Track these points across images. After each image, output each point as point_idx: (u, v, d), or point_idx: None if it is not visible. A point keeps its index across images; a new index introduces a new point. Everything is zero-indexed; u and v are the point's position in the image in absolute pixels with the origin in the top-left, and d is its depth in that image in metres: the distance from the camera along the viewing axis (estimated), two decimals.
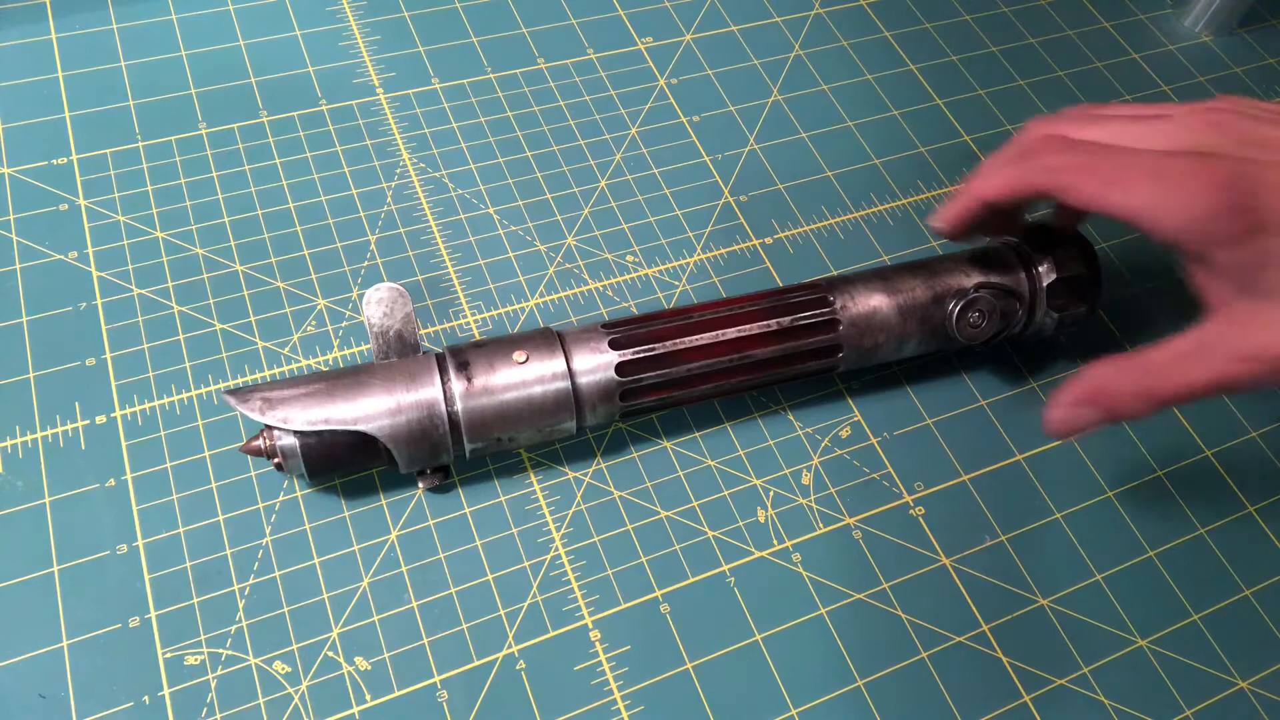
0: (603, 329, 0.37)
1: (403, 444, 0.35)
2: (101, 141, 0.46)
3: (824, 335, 0.38)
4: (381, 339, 0.36)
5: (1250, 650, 0.38)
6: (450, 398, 0.35)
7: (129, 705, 0.34)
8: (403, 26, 0.53)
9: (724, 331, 0.37)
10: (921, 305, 0.39)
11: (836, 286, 0.39)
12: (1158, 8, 0.60)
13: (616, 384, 0.37)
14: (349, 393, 0.34)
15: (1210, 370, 0.32)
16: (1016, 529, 0.40)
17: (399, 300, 0.36)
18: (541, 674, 0.35)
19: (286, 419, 0.34)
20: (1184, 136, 0.32)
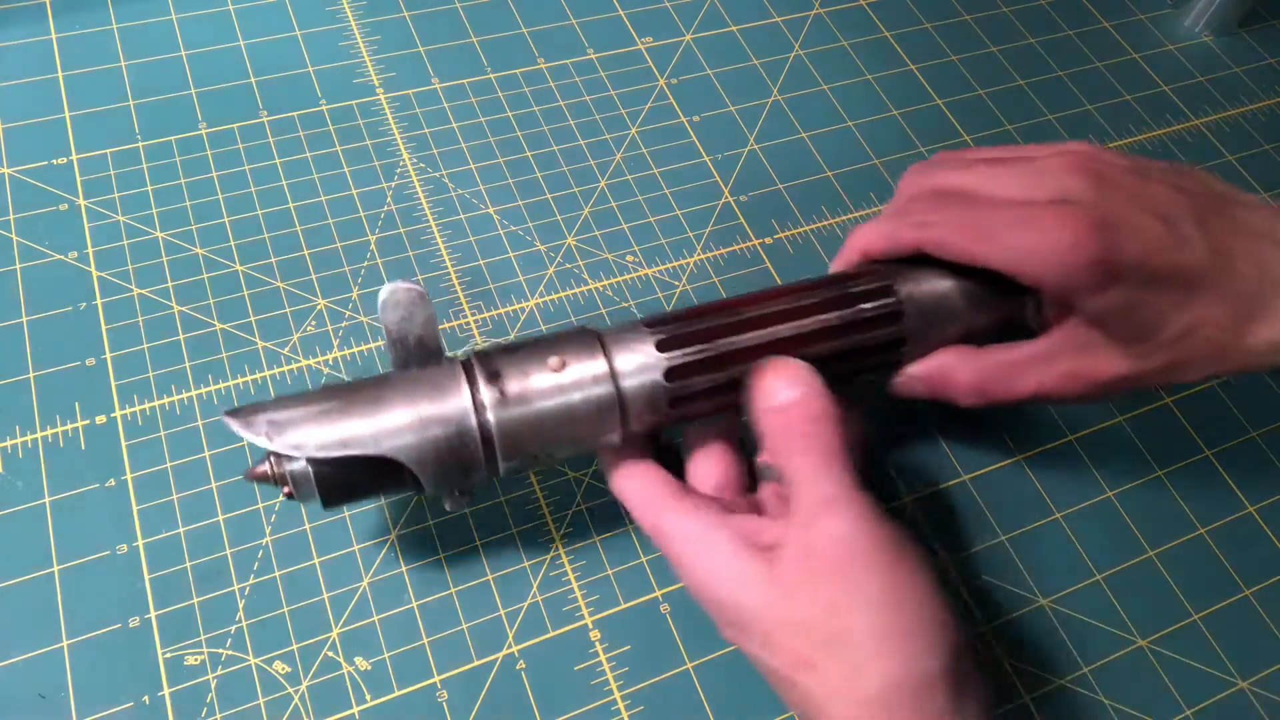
0: (645, 328, 0.33)
1: (430, 467, 0.31)
2: (101, 141, 0.46)
3: (887, 329, 0.34)
4: (400, 346, 0.32)
5: (1250, 650, 0.38)
6: (481, 411, 0.31)
7: (129, 705, 0.34)
8: (403, 26, 0.53)
9: (779, 328, 0.33)
10: (991, 295, 0.35)
11: (898, 272, 0.35)
12: (1158, 8, 0.60)
13: (664, 390, 0.32)
14: (367, 409, 0.31)
15: (1041, 381, 0.34)
16: (1016, 529, 0.40)
17: (418, 302, 0.31)
18: (541, 674, 0.35)
19: (299, 445, 0.30)
20: (1046, 182, 0.33)
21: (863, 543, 0.29)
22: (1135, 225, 0.31)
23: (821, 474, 0.30)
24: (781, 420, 0.31)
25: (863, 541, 0.29)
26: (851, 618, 0.28)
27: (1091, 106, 0.55)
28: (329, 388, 0.32)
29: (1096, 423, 0.43)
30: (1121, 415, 0.44)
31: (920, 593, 0.29)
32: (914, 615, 0.28)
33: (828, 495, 0.29)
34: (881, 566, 0.28)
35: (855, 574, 0.28)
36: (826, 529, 0.29)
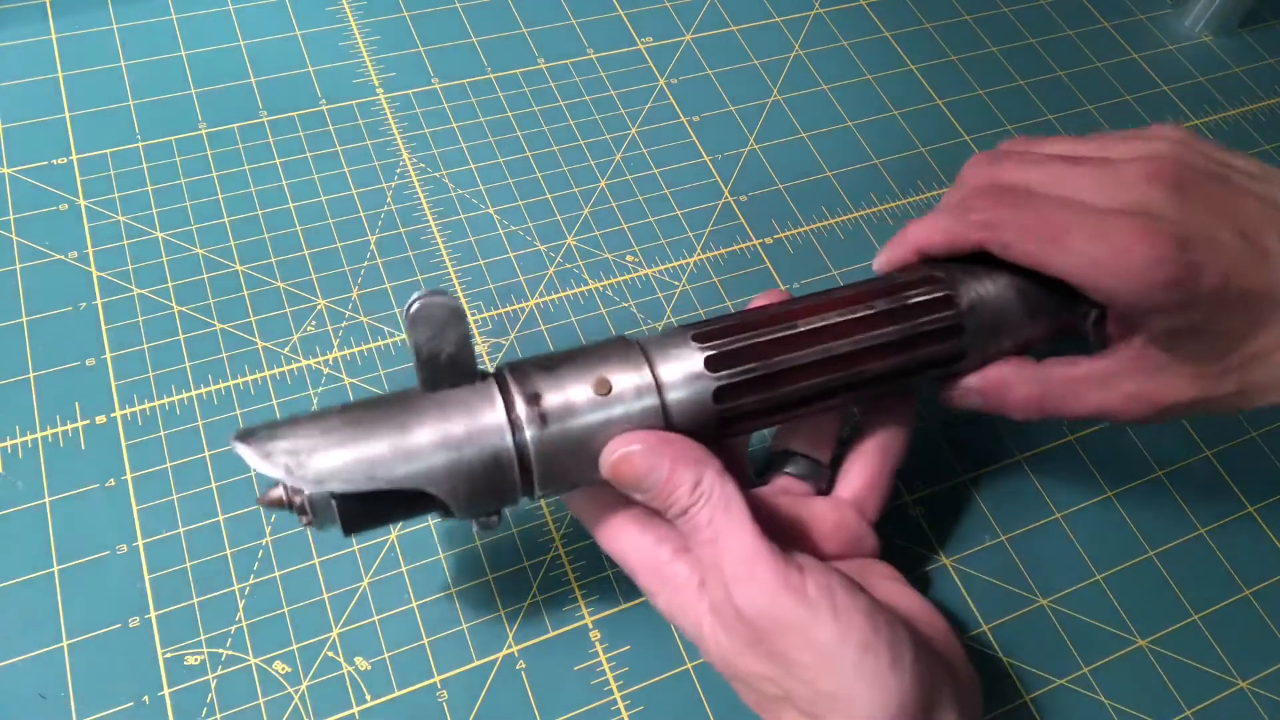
0: (694, 342, 0.31)
1: (463, 497, 0.29)
2: (101, 141, 0.46)
3: (947, 344, 0.33)
4: (430, 366, 0.28)
5: (1250, 650, 0.38)
6: (521, 441, 0.28)
7: (129, 705, 0.34)
8: (403, 26, 0.53)
9: (835, 344, 0.31)
10: (1053, 304, 0.33)
11: (958, 279, 0.33)
12: (1158, 8, 0.60)
13: (714, 413, 0.30)
14: (395, 436, 0.28)
15: (1102, 401, 0.33)
16: (1016, 529, 0.40)
17: (451, 319, 0.28)
18: (541, 674, 0.35)
19: (322, 480, 0.27)
20: (1126, 193, 0.31)
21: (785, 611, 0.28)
22: (1217, 243, 0.30)
23: (737, 544, 0.28)
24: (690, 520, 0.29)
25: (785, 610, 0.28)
26: (789, 686, 0.28)
27: (1091, 106, 0.55)
28: (349, 409, 0.29)
29: (1097, 423, 0.43)
30: None
31: (856, 642, 0.27)
32: (850, 675, 0.27)
33: (747, 560, 0.28)
34: (809, 627, 0.28)
35: (782, 641, 0.28)
36: (741, 597, 0.28)
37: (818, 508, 0.33)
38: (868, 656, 0.27)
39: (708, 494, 0.29)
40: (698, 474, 0.29)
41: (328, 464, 0.27)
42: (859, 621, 0.27)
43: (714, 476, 0.29)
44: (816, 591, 0.28)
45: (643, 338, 0.31)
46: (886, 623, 0.28)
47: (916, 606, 0.32)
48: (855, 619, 0.27)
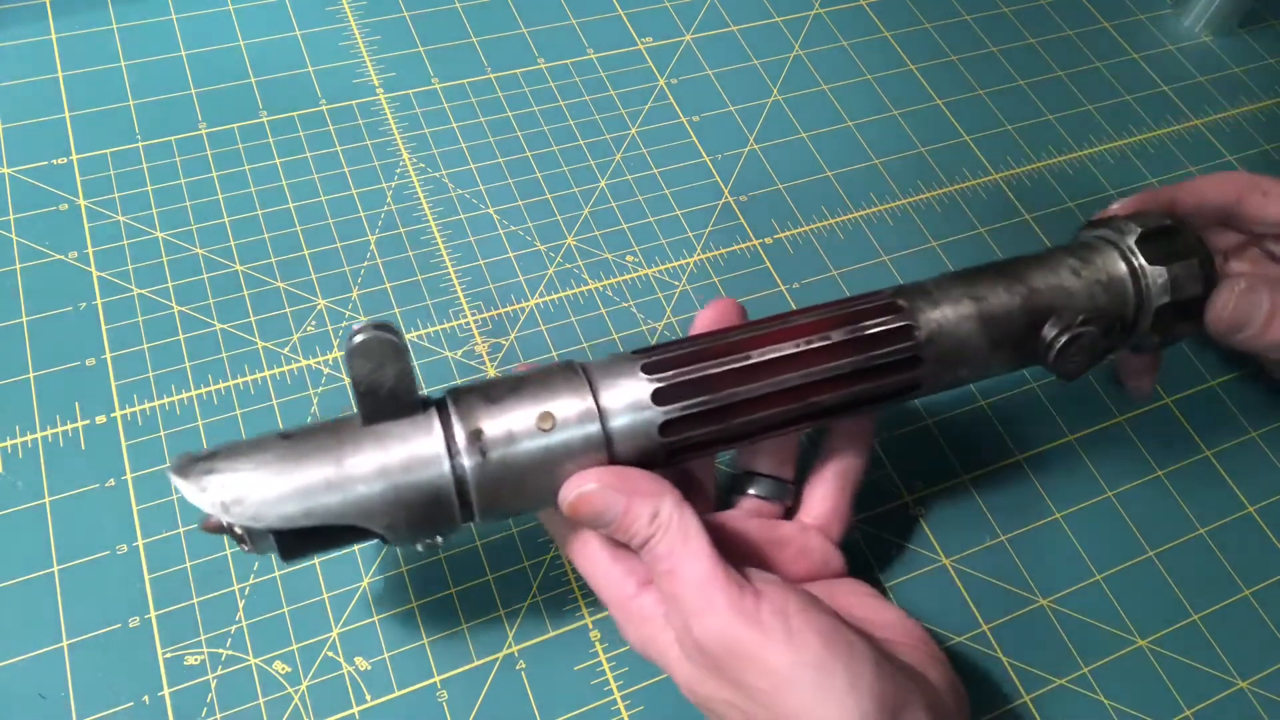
0: (643, 371, 0.30)
1: (402, 531, 0.29)
2: (101, 141, 0.46)
3: (903, 375, 0.32)
4: (370, 399, 0.28)
5: (1250, 650, 0.38)
6: (460, 477, 0.28)
7: (129, 705, 0.34)
8: (403, 26, 0.53)
9: (787, 377, 0.31)
10: (1016, 332, 0.33)
11: (919, 308, 0.32)
12: (1158, 8, 0.60)
13: (660, 447, 0.30)
14: (331, 471, 0.28)
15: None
16: (1016, 529, 0.40)
17: (391, 353, 0.27)
18: (541, 674, 0.35)
19: (257, 517, 0.27)
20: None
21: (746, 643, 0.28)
22: None
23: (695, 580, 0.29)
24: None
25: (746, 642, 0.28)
26: (751, 711, 0.28)
27: (1091, 106, 0.55)
28: (288, 439, 0.28)
29: (1096, 423, 0.43)
30: (1121, 415, 0.44)
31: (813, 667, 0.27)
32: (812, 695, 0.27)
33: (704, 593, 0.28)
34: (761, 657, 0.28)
35: (739, 668, 0.28)
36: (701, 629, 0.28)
37: (785, 531, 0.34)
38: (823, 679, 0.27)
39: (666, 525, 0.29)
40: (655, 506, 0.29)
41: (264, 501, 0.27)
42: (814, 644, 0.27)
43: (671, 507, 0.29)
44: (771, 616, 0.28)
45: (590, 363, 0.31)
46: (844, 643, 0.28)
47: (888, 619, 0.32)
48: (810, 641, 0.27)
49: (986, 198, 0.50)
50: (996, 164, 0.51)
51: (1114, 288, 0.34)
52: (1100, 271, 0.34)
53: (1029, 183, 0.51)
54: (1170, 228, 0.35)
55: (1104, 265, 0.34)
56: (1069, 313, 0.33)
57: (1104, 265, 0.34)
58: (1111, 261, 0.34)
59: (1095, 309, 0.33)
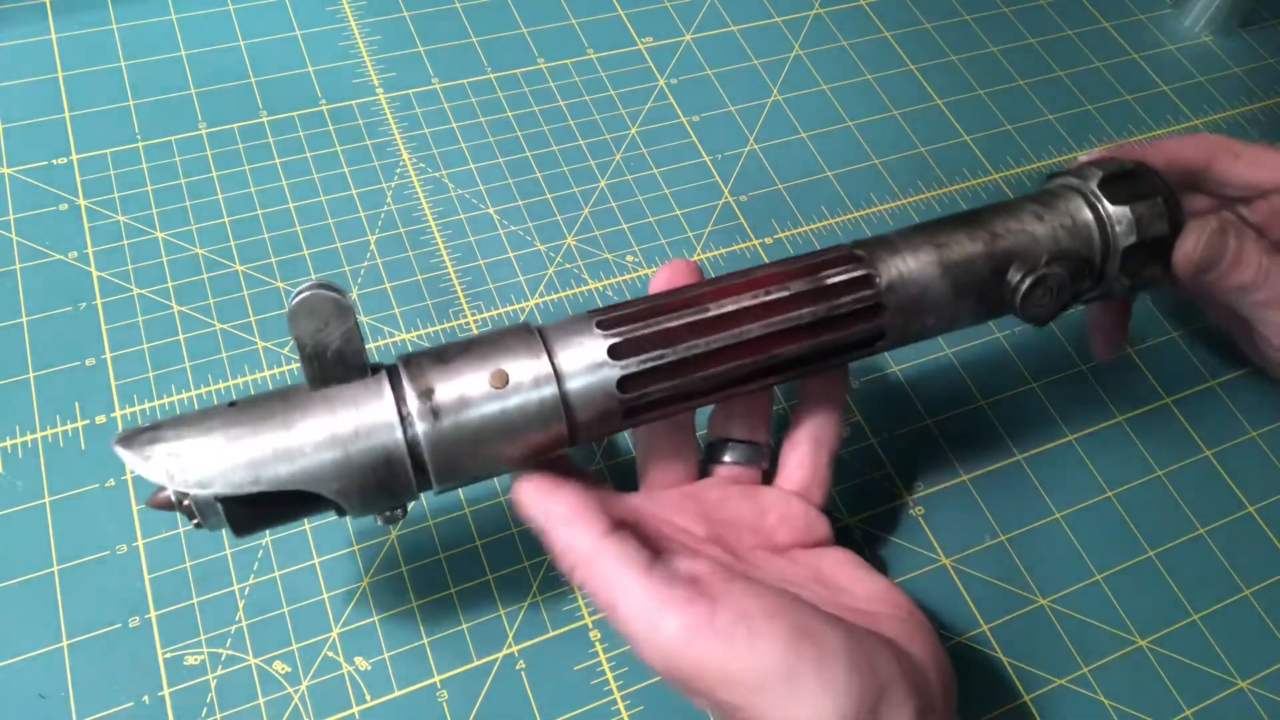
0: (599, 328, 0.29)
1: (355, 499, 0.28)
2: (101, 141, 0.46)
3: (865, 324, 0.32)
4: (316, 362, 0.27)
5: (1250, 650, 0.38)
6: (413, 440, 0.27)
7: (129, 705, 0.34)
8: (403, 26, 0.53)
9: (747, 328, 0.30)
10: (980, 280, 0.32)
11: (880, 257, 0.32)
12: (1158, 8, 0.60)
13: (619, 404, 0.29)
14: (279, 436, 0.27)
15: None
16: (1016, 529, 0.40)
17: (336, 312, 0.27)
18: (541, 674, 0.35)
19: (204, 483, 0.26)
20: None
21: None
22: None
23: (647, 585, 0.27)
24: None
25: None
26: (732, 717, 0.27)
27: (1091, 106, 0.55)
28: (235, 406, 0.28)
29: (1096, 423, 0.43)
30: (1121, 415, 0.44)
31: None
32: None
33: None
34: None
35: (706, 687, 0.27)
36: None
37: (766, 498, 0.33)
38: (793, 684, 0.26)
39: (584, 561, 0.28)
40: (569, 538, 0.28)
41: (209, 467, 0.26)
42: (779, 649, 0.26)
43: (590, 542, 0.28)
44: (730, 623, 0.27)
45: (544, 325, 0.30)
46: (813, 642, 0.27)
47: (873, 589, 0.32)
48: (774, 648, 0.26)
49: (986, 198, 0.50)
50: (996, 164, 0.51)
51: (1079, 231, 0.34)
52: (1064, 215, 0.34)
53: (1029, 183, 0.51)
54: (1132, 170, 0.34)
55: (1068, 209, 0.34)
56: (1033, 257, 0.33)
57: (1068, 209, 0.34)
58: (1075, 206, 0.34)
59: (1060, 251, 0.33)
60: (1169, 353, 0.46)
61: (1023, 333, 0.46)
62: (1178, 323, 0.47)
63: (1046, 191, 0.35)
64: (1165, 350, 0.46)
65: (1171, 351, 0.46)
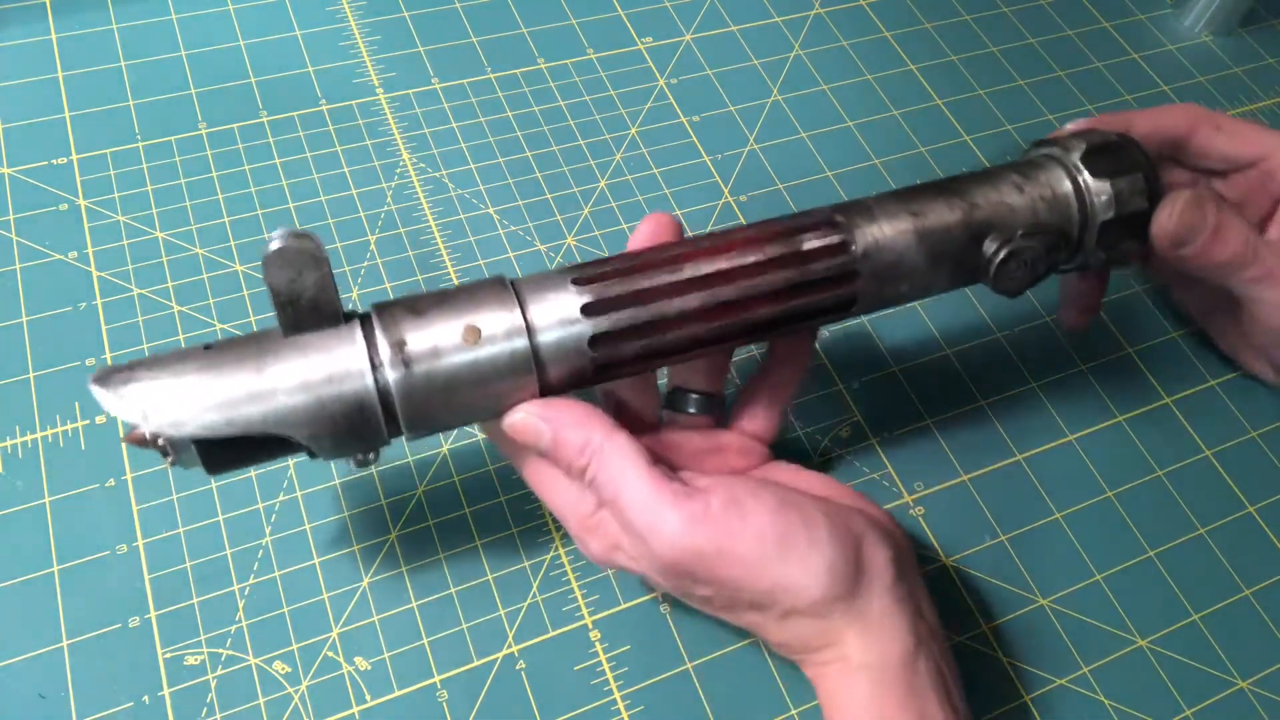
0: (573, 285, 0.30)
1: (326, 443, 0.28)
2: (101, 141, 0.46)
3: (839, 289, 0.32)
4: (290, 310, 0.28)
5: (1250, 650, 0.38)
6: (384, 387, 0.28)
7: (129, 705, 0.34)
8: (403, 26, 0.53)
9: (720, 290, 0.30)
10: (956, 248, 0.32)
11: (855, 223, 0.32)
12: (1158, 8, 0.60)
13: (590, 362, 0.30)
14: (252, 380, 0.27)
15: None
16: (1016, 529, 0.40)
17: (310, 262, 0.27)
18: (541, 674, 0.35)
19: (178, 423, 0.27)
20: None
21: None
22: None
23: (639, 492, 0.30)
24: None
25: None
26: (733, 596, 0.30)
27: (1091, 106, 0.55)
28: (210, 349, 0.28)
29: (1097, 423, 0.43)
30: (1121, 415, 0.44)
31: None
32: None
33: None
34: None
35: (709, 568, 0.29)
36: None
37: (723, 438, 0.35)
38: (786, 547, 0.29)
39: (597, 453, 0.30)
40: (584, 436, 0.30)
41: (183, 408, 0.27)
42: (769, 519, 0.30)
43: (601, 437, 0.30)
44: (722, 508, 0.29)
45: (519, 279, 0.30)
46: (794, 507, 0.30)
47: (816, 482, 0.34)
48: (765, 518, 0.30)
49: None
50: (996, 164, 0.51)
51: (1057, 204, 0.33)
52: (1044, 187, 0.33)
53: None
54: (1116, 143, 0.34)
55: (1048, 181, 0.34)
56: (1010, 228, 0.33)
57: (1048, 181, 0.34)
58: (1056, 177, 0.34)
59: (1038, 225, 0.33)
60: (1169, 353, 0.46)
61: (1022, 333, 0.46)
62: (1178, 323, 0.47)
63: (1029, 161, 0.35)
64: (1165, 350, 0.46)
65: (1171, 351, 0.46)
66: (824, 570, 0.29)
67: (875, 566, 0.30)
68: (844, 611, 0.30)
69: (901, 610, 0.30)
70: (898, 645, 0.30)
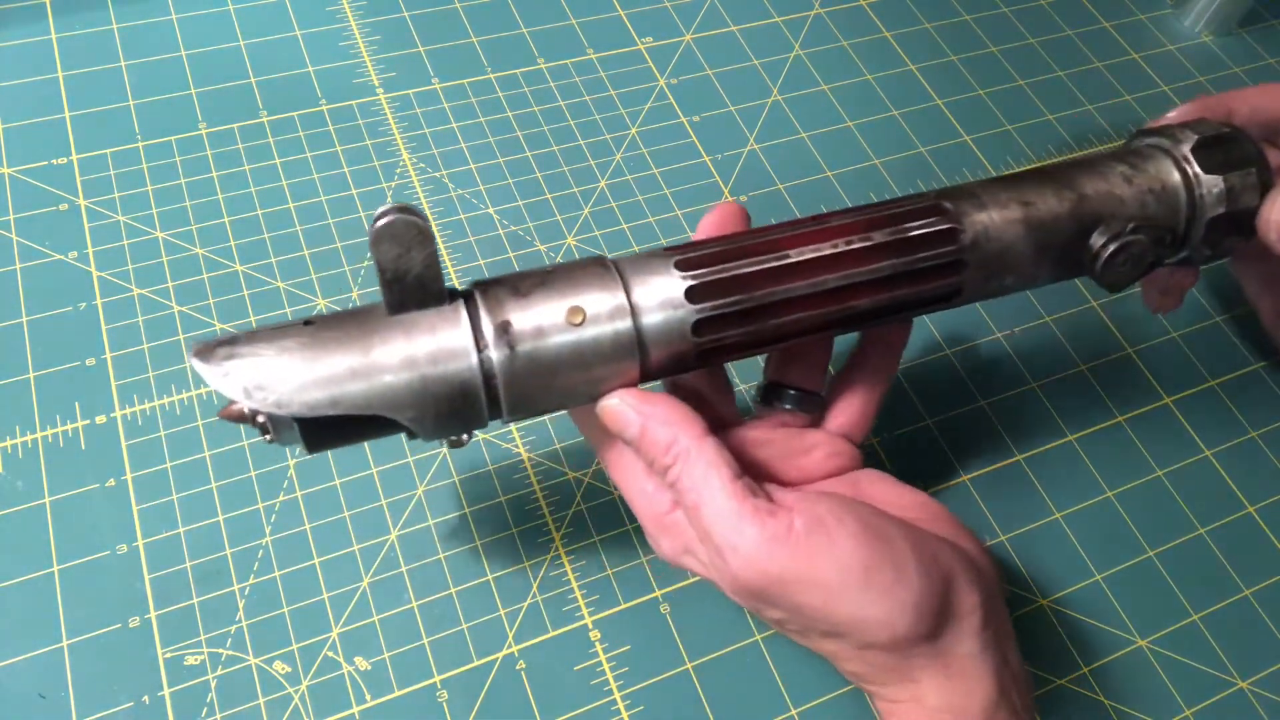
0: (676, 268, 0.29)
1: (429, 424, 0.28)
2: (101, 141, 0.46)
3: (945, 280, 0.31)
4: (396, 287, 0.27)
5: (1250, 650, 0.38)
6: (490, 371, 0.27)
7: (129, 705, 0.34)
8: (403, 26, 0.53)
9: (826, 278, 0.29)
10: (1063, 240, 0.32)
11: (964, 210, 0.31)
12: (1158, 8, 0.60)
13: (693, 345, 0.29)
14: (358, 360, 0.27)
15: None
16: (1016, 529, 0.40)
17: (419, 238, 0.27)
18: (541, 674, 0.35)
19: (283, 403, 0.26)
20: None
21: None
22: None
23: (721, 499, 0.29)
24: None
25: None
26: (807, 623, 0.29)
27: (1091, 106, 0.55)
28: (312, 326, 0.28)
29: (1096, 423, 0.43)
30: (1121, 415, 0.44)
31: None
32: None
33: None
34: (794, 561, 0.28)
35: (786, 593, 0.28)
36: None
37: (811, 438, 0.34)
38: (871, 577, 0.28)
39: (684, 457, 0.29)
40: (672, 434, 0.29)
41: (289, 387, 0.26)
42: (854, 546, 0.28)
43: (689, 439, 0.29)
44: (807, 531, 0.28)
45: (621, 259, 0.30)
46: (882, 537, 0.28)
47: (913, 500, 0.32)
48: (850, 545, 0.28)
49: None
50: (996, 164, 0.51)
51: (1166, 197, 0.32)
52: (1153, 180, 0.32)
53: None
54: (1227, 135, 0.33)
55: (1157, 173, 0.33)
56: (1118, 221, 0.32)
57: (1157, 173, 0.33)
58: (1165, 169, 0.33)
59: (1146, 217, 0.32)
60: (1169, 353, 0.46)
61: (1023, 332, 0.46)
62: (1178, 323, 0.47)
63: (1135, 150, 0.34)
64: (1165, 350, 0.46)
65: (1171, 351, 0.46)
66: (909, 607, 0.28)
67: (963, 608, 0.29)
68: (925, 652, 0.28)
69: (986, 657, 0.29)
70: (979, 695, 0.28)
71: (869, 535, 0.28)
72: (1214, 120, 0.35)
